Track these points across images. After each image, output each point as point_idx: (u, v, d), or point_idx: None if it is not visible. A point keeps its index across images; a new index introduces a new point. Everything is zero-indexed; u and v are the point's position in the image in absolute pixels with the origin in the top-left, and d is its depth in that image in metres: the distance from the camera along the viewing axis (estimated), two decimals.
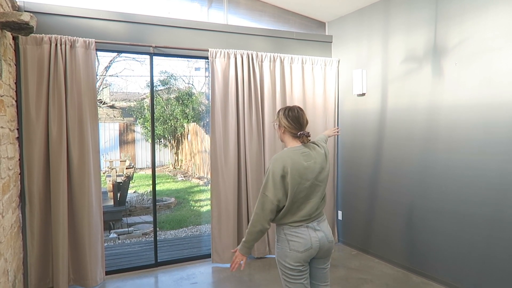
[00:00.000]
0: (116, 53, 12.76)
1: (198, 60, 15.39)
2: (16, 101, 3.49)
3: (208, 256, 4.49)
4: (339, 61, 5.00)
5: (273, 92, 4.60)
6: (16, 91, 3.50)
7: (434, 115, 3.76)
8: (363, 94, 4.64)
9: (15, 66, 3.47)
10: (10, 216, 3.01)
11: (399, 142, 4.16)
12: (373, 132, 4.51)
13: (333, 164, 5.00)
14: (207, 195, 9.65)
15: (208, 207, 7.86)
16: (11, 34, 3.30)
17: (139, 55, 4.41)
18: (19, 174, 3.53)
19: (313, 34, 4.99)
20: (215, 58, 4.28)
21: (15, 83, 3.49)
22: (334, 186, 5.02)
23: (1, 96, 2.80)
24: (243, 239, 2.34)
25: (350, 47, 4.82)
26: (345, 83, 4.93)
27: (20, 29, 2.79)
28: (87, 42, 3.73)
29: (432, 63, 3.76)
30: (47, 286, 3.70)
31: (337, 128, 3.61)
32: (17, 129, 3.51)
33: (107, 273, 4.04)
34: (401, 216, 4.15)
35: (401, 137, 4.14)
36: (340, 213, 5.07)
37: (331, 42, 5.09)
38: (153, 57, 4.18)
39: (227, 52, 4.32)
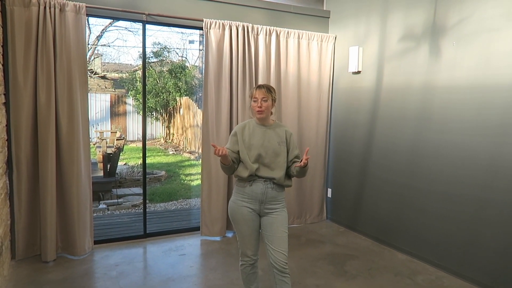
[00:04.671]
0: (109, 22, 12.47)
1: (192, 33, 15.15)
2: (3, 65, 3.38)
3: (197, 228, 4.50)
4: (335, 38, 4.91)
5: (267, 66, 4.52)
6: (3, 55, 3.39)
7: (428, 95, 3.74)
8: (359, 72, 4.59)
9: (1, 28, 3.35)
10: None
11: (393, 121, 4.15)
12: (366, 111, 4.48)
13: (325, 141, 4.99)
14: (198, 169, 9.64)
15: (199, 181, 7.85)
16: None
17: (132, 23, 4.30)
18: (6, 140, 3.46)
19: (310, 9, 4.89)
20: (210, 29, 4.18)
21: (2, 46, 3.37)
22: (325, 164, 5.02)
23: None
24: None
25: (348, 23, 4.73)
26: (341, 60, 4.87)
27: None
28: (78, 6, 3.60)
29: (430, 42, 3.71)
30: (35, 253, 3.69)
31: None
32: (4, 94, 3.41)
33: (96, 242, 4.04)
34: (390, 195, 4.18)
35: (394, 116, 4.13)
36: (329, 190, 5.10)
37: (329, 17, 4.99)
38: (146, 25, 4.06)
39: (222, 23, 4.21)
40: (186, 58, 16.26)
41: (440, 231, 3.63)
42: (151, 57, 14.38)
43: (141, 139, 10.14)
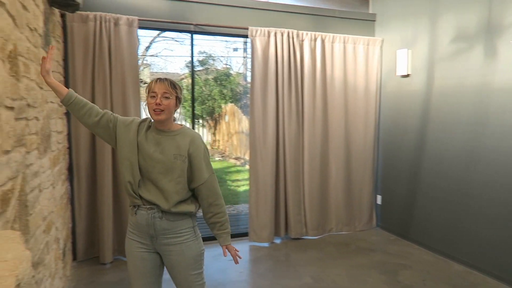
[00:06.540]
0: (157, 33, 12.94)
1: (236, 41, 15.36)
2: (64, 77, 3.62)
3: (245, 234, 4.54)
4: (382, 41, 4.81)
5: (313, 72, 4.50)
6: (64, 68, 3.63)
7: (483, 98, 3.56)
8: (408, 75, 4.46)
9: (63, 44, 3.58)
10: (60, 187, 3.16)
11: (445, 126, 3.99)
12: (416, 115, 4.34)
13: (373, 147, 4.87)
14: (244, 175, 9.75)
15: (245, 187, 7.93)
16: (59, 12, 3.39)
17: (179, 34, 4.45)
18: (67, 148, 3.69)
19: (355, 12, 4.82)
20: (255, 36, 4.24)
21: (64, 60, 3.61)
22: (373, 170, 4.90)
23: None
24: (227, 230, 2.17)
25: (395, 26, 4.62)
26: (388, 64, 4.75)
27: (67, 5, 2.87)
28: (130, 19, 3.78)
29: (485, 42, 3.54)
30: (94, 255, 3.89)
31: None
32: None
33: None
34: (443, 202, 4.01)
35: (446, 120, 3.96)
36: (379, 197, 4.97)
37: (375, 20, 4.90)
38: (194, 35, 4.19)
39: (267, 30, 4.25)
40: (230, 65, 16.52)
41: (501, 241, 3.43)
42: (197, 65, 14.74)
43: None
